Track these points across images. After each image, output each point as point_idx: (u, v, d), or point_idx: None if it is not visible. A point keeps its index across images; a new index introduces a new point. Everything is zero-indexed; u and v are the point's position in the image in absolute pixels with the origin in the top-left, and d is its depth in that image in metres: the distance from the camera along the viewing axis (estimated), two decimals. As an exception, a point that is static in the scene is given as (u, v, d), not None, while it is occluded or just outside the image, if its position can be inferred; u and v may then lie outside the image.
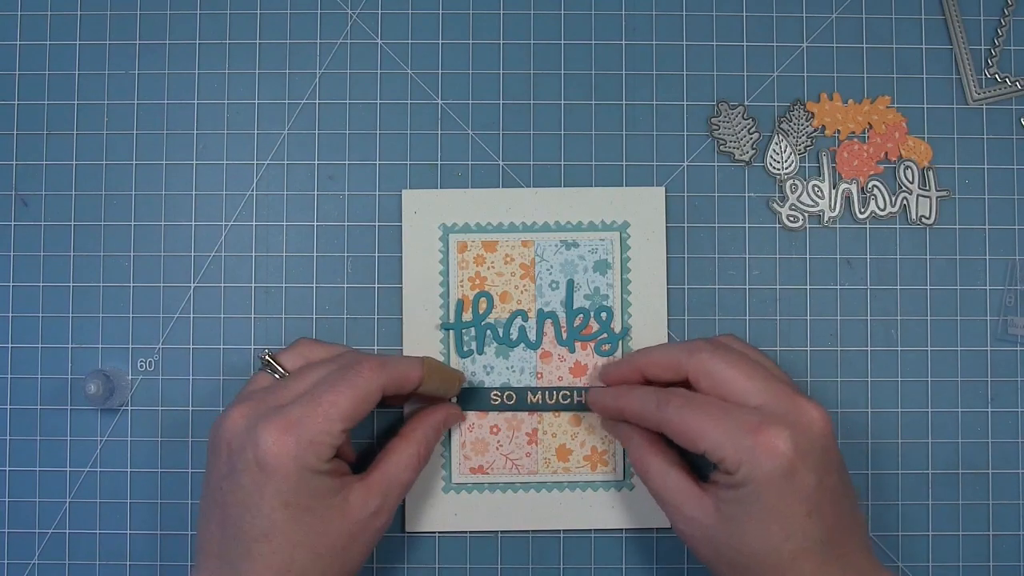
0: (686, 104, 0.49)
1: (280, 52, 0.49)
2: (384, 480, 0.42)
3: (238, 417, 0.40)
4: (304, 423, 0.39)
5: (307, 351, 0.44)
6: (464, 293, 0.48)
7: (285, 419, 0.39)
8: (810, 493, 0.38)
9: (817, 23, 0.49)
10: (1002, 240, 0.48)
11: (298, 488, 0.39)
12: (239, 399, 0.42)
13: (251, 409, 0.40)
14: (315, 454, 0.39)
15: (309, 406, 0.40)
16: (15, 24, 0.49)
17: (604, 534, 0.48)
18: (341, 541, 0.40)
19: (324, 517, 0.40)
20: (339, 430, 0.40)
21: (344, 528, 0.40)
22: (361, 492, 0.41)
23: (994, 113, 0.49)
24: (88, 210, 0.48)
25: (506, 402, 0.47)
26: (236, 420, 0.40)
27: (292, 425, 0.39)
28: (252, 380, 0.43)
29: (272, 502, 0.39)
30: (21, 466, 0.48)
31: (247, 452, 0.39)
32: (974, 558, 0.48)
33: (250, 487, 0.39)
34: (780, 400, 0.40)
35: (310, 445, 0.39)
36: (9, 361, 0.48)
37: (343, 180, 0.49)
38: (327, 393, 0.40)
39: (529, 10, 0.49)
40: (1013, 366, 0.48)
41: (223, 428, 0.40)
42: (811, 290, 0.48)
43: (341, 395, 0.40)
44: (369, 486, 0.41)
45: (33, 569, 0.48)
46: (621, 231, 0.48)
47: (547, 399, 0.47)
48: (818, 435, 0.39)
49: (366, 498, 0.41)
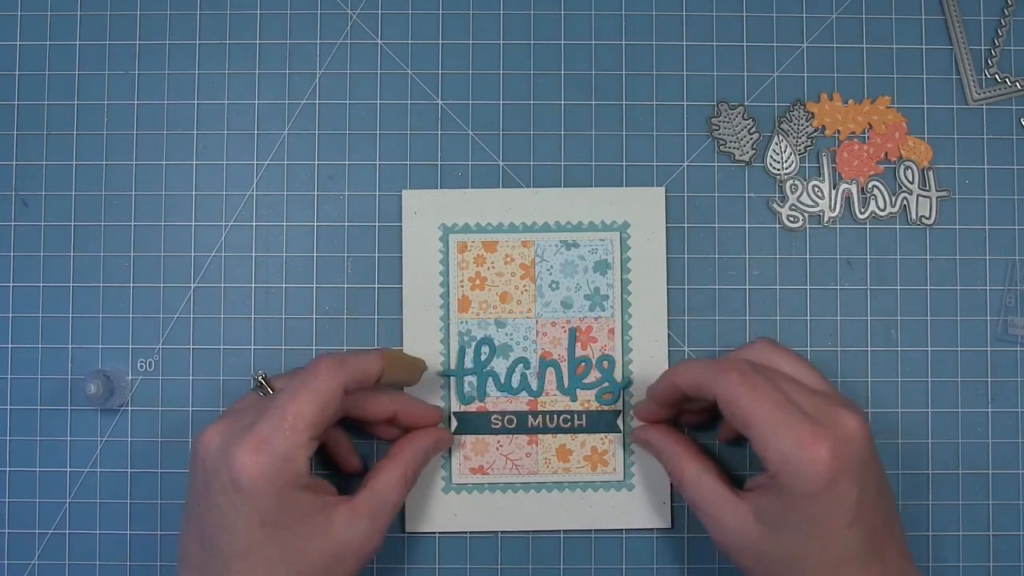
0: (686, 104, 0.49)
1: (280, 52, 0.49)
2: (370, 502, 0.41)
3: (214, 435, 0.40)
4: (273, 439, 0.39)
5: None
6: (464, 293, 0.48)
7: (256, 437, 0.39)
8: (851, 504, 0.38)
9: (817, 23, 0.49)
10: (1002, 240, 0.48)
11: (276, 507, 0.39)
12: (219, 417, 0.41)
13: (226, 427, 0.40)
14: (291, 470, 0.39)
15: (275, 420, 0.39)
16: (15, 24, 0.49)
17: (604, 534, 0.48)
18: (324, 561, 0.40)
19: (304, 536, 0.39)
20: (307, 439, 0.39)
21: (327, 548, 0.40)
22: (346, 514, 0.41)
23: (994, 113, 0.49)
24: (88, 210, 0.48)
25: (506, 426, 0.47)
26: (211, 438, 0.40)
27: (263, 443, 0.38)
28: (241, 399, 0.43)
29: (249, 522, 0.38)
30: (21, 466, 0.48)
31: (221, 473, 0.39)
32: (974, 558, 0.48)
33: (226, 507, 0.39)
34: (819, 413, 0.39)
35: (284, 461, 0.39)
36: (9, 361, 0.48)
37: (343, 180, 0.49)
38: (289, 403, 0.39)
39: (529, 10, 0.49)
40: (1013, 366, 0.48)
41: (199, 445, 0.40)
42: (811, 290, 0.48)
43: (303, 403, 0.39)
44: (355, 508, 0.41)
45: (33, 569, 0.47)
46: (621, 231, 0.48)
47: (547, 423, 0.47)
48: (859, 445, 0.39)
49: (351, 520, 0.41)
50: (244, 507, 0.38)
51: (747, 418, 0.39)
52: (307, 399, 0.39)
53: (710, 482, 0.42)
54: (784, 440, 0.38)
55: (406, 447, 0.44)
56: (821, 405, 0.40)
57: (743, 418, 0.39)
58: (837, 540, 0.38)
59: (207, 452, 0.40)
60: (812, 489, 0.38)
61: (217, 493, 0.39)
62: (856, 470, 0.38)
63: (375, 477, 0.43)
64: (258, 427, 0.39)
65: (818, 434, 0.38)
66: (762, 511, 0.40)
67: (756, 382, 0.39)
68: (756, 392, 0.39)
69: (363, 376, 0.42)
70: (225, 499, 0.39)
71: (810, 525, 0.38)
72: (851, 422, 0.39)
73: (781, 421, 0.38)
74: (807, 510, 0.38)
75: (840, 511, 0.38)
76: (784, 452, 0.38)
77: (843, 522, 0.38)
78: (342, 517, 0.40)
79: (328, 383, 0.40)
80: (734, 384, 0.39)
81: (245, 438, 0.39)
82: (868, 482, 0.39)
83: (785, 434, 0.38)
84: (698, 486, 0.42)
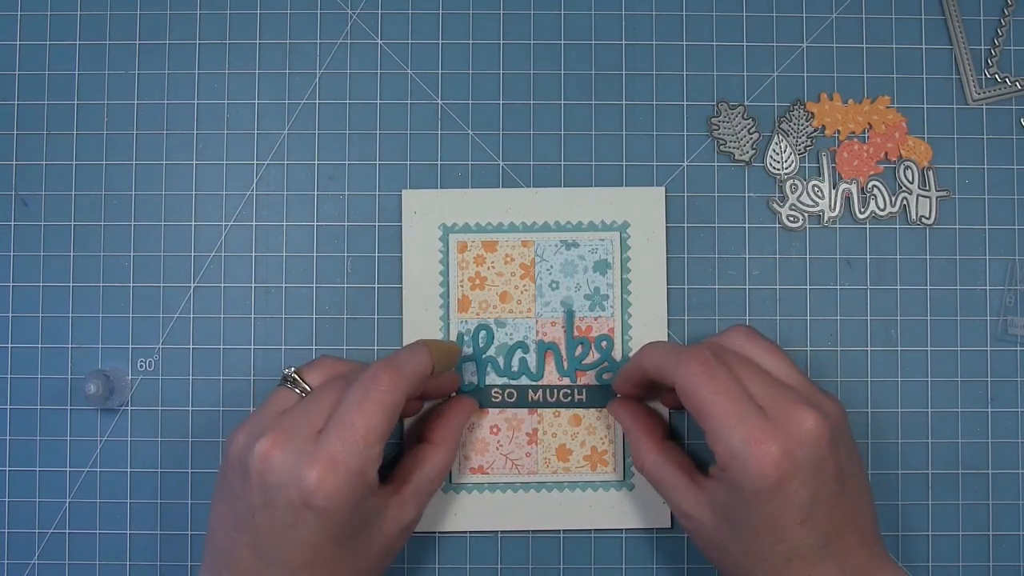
0: (686, 104, 0.49)
1: (280, 52, 0.49)
2: (419, 492, 0.42)
3: (272, 449, 0.38)
4: (348, 458, 0.38)
5: (331, 368, 0.43)
6: (464, 293, 0.48)
7: (328, 456, 0.37)
8: (803, 503, 0.38)
9: (817, 23, 0.49)
10: (1002, 240, 0.48)
11: (346, 521, 0.38)
12: (263, 422, 0.40)
13: (285, 440, 0.38)
14: (364, 484, 0.38)
15: (347, 437, 0.38)
16: (15, 24, 0.49)
17: (604, 534, 0.48)
18: (378, 555, 0.41)
19: (365, 539, 0.40)
20: (379, 452, 0.39)
21: (383, 544, 0.41)
22: (396, 506, 0.41)
23: (994, 113, 0.49)
24: (88, 210, 0.48)
25: (507, 399, 0.47)
26: (270, 453, 0.38)
27: (337, 462, 0.37)
28: (273, 398, 0.42)
29: (320, 536, 0.38)
30: (21, 466, 0.48)
31: (290, 490, 0.37)
32: (974, 558, 0.48)
33: (294, 522, 0.38)
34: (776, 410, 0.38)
35: (359, 476, 0.38)
36: (9, 361, 0.48)
37: (343, 180, 0.49)
38: (358, 416, 0.38)
39: (529, 10, 0.49)
40: (1013, 366, 0.48)
41: (255, 458, 0.38)
42: (811, 290, 0.48)
43: (373, 416, 0.38)
44: (404, 499, 0.41)
45: (33, 569, 0.47)
46: (621, 231, 0.48)
47: (548, 397, 0.47)
48: (814, 445, 0.38)
49: (402, 512, 0.41)
50: (316, 523, 0.38)
51: (701, 410, 0.38)
52: (374, 411, 0.38)
53: (669, 471, 0.42)
54: (734, 436, 0.37)
55: (448, 431, 0.44)
56: (781, 401, 0.39)
57: (698, 409, 0.39)
58: (788, 537, 0.38)
59: (266, 467, 0.38)
60: (760, 487, 0.37)
61: (284, 509, 0.38)
62: (808, 470, 0.37)
63: (421, 465, 0.43)
64: (328, 445, 0.38)
65: (768, 432, 0.37)
66: (716, 503, 0.39)
67: (715, 373, 0.39)
68: (714, 384, 0.38)
69: (420, 379, 0.41)
70: (293, 515, 0.38)
71: (760, 520, 0.38)
72: (809, 421, 0.38)
73: (734, 415, 0.38)
74: (757, 507, 0.38)
75: (790, 509, 0.38)
76: (733, 448, 0.37)
77: (794, 520, 0.38)
78: (393, 512, 0.41)
79: (393, 395, 0.39)
80: (693, 374, 0.39)
81: (316, 457, 0.37)
82: (823, 481, 0.38)
83: (736, 429, 0.37)
84: (658, 474, 0.42)
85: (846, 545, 0.39)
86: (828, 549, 0.39)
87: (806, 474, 0.37)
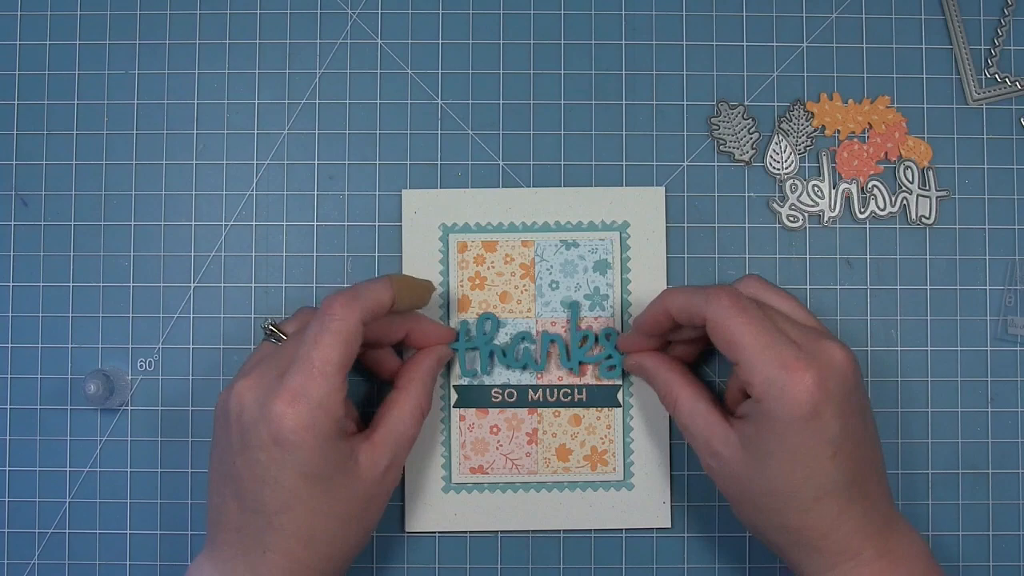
0: (686, 104, 0.49)
1: (280, 52, 0.49)
2: (390, 437, 0.42)
3: (245, 391, 0.40)
4: (307, 389, 0.38)
5: (307, 317, 0.43)
6: (464, 293, 0.48)
7: (290, 389, 0.38)
8: (834, 436, 0.38)
9: (817, 23, 0.49)
10: (1002, 240, 0.48)
11: (317, 457, 0.39)
12: (244, 371, 0.41)
13: (256, 382, 0.40)
14: (329, 417, 0.39)
15: (305, 369, 0.39)
16: (15, 24, 0.49)
17: (604, 534, 0.48)
18: (359, 503, 0.41)
19: (340, 483, 0.40)
20: (339, 382, 0.39)
21: (360, 490, 0.41)
22: (368, 451, 0.41)
23: (994, 113, 0.49)
24: (88, 210, 0.48)
25: (507, 399, 0.47)
26: (243, 394, 0.40)
27: (298, 394, 0.38)
28: (256, 351, 0.43)
29: (292, 475, 0.39)
30: (21, 466, 0.48)
31: (260, 428, 0.38)
32: (974, 558, 0.48)
33: (267, 462, 0.39)
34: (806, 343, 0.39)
35: (321, 409, 0.39)
36: (9, 361, 0.48)
37: (343, 180, 0.49)
38: (314, 349, 0.39)
39: (529, 10, 0.49)
40: (1013, 366, 0.48)
41: (231, 402, 0.40)
42: (811, 290, 0.48)
43: (327, 347, 0.39)
44: (375, 444, 0.41)
45: (33, 569, 0.48)
46: (621, 231, 0.48)
47: (548, 396, 0.47)
48: (844, 377, 0.39)
49: (374, 457, 0.41)
50: (286, 460, 0.38)
51: (735, 341, 0.39)
52: (330, 342, 0.39)
53: (704, 408, 0.42)
54: (770, 364, 0.38)
55: (414, 375, 0.44)
56: (808, 336, 0.40)
57: (731, 341, 0.39)
58: (819, 472, 0.38)
59: (241, 408, 0.39)
60: (795, 415, 0.38)
61: (256, 449, 0.39)
62: (840, 402, 0.38)
63: (390, 410, 0.43)
64: (289, 379, 0.39)
65: (803, 360, 0.38)
66: (748, 439, 0.40)
67: (745, 306, 0.39)
68: (745, 316, 0.39)
69: (377, 307, 0.41)
70: (266, 454, 0.38)
71: (792, 454, 0.38)
72: (838, 354, 0.39)
73: (768, 346, 0.38)
74: (790, 439, 0.38)
75: (823, 441, 0.38)
76: (769, 376, 0.38)
77: (825, 453, 0.38)
78: (367, 456, 0.41)
79: (347, 322, 0.40)
80: (724, 307, 0.39)
81: (279, 391, 0.38)
82: (852, 415, 0.39)
83: (771, 358, 0.38)
84: (692, 411, 0.42)
85: (869, 489, 0.40)
86: (854, 490, 0.39)
87: (837, 405, 0.38)
